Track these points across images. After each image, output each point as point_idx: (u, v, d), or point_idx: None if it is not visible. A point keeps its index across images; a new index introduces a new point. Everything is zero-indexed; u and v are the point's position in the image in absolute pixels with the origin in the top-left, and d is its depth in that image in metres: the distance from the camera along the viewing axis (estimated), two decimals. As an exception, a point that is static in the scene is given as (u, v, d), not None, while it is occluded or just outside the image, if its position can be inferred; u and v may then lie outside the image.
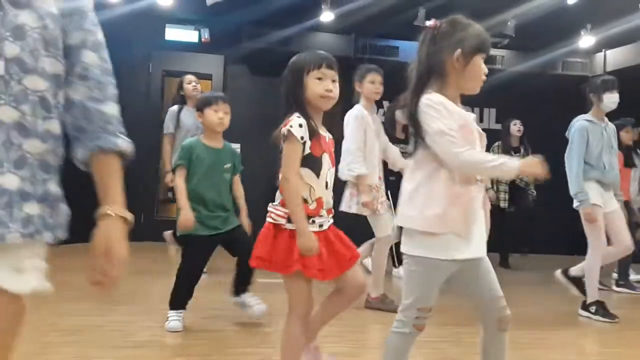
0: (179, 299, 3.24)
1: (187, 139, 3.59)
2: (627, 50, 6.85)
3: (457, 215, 1.78)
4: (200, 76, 7.17)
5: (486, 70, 1.87)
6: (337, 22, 6.87)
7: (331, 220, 2.19)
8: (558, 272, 4.18)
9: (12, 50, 1.02)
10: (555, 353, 3.17)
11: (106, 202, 1.14)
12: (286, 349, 2.14)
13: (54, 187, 1.10)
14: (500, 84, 7.51)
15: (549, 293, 4.85)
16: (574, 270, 4.10)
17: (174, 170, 3.33)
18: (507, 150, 6.25)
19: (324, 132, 2.16)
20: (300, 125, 2.05)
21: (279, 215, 2.08)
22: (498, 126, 8.07)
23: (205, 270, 3.48)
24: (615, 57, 7.15)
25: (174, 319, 3.20)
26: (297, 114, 2.07)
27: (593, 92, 3.98)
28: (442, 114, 1.79)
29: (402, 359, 1.93)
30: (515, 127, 6.37)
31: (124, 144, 1.17)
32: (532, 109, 7.23)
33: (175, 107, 5.00)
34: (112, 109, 1.17)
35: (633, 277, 5.68)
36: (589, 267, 3.97)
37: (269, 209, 2.13)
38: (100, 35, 1.18)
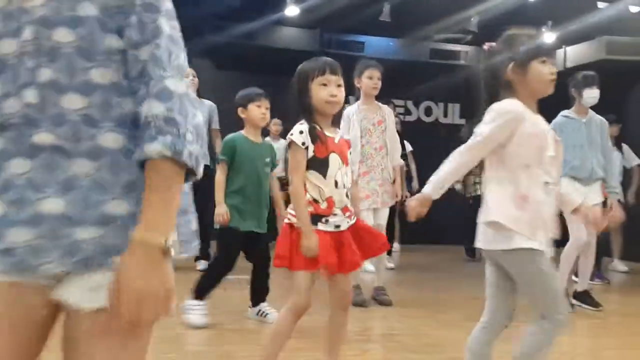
0: (205, 289, 3.26)
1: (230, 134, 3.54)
2: (586, 46, 7.00)
3: (523, 218, 1.85)
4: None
5: (551, 70, 1.92)
6: (302, 17, 6.84)
7: (352, 221, 2.24)
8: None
9: (46, 75, 0.93)
10: (508, 344, 3.21)
11: (140, 224, 0.95)
12: (271, 335, 2.25)
13: (112, 208, 0.96)
14: (465, 79, 7.61)
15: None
16: (579, 286, 4.19)
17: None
18: None
19: (331, 134, 2.22)
20: (301, 132, 2.14)
21: (293, 215, 2.18)
22: (462, 121, 8.20)
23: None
24: (575, 53, 7.30)
25: (198, 312, 3.18)
26: (300, 121, 2.17)
27: (574, 87, 4.06)
28: (495, 121, 1.86)
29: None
30: None
31: (161, 147, 0.93)
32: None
33: None
34: (157, 106, 0.95)
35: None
36: (564, 254, 4.06)
37: (288, 210, 2.24)
38: (163, 24, 0.98)
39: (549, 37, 6.97)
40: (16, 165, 0.95)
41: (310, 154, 2.15)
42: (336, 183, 2.17)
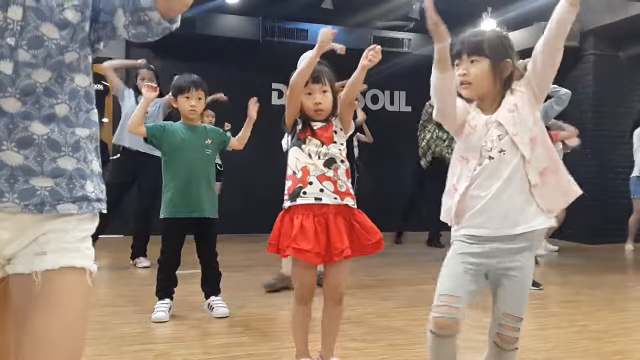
0: (159, 287, 3.32)
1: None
2: (525, 32, 7.14)
3: (450, 207, 1.87)
4: (100, 60, 6.78)
5: (459, 72, 1.87)
6: (243, 4, 6.70)
7: (341, 201, 2.26)
8: None
9: (24, 56, 1.10)
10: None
11: None
12: (291, 326, 2.46)
13: (64, 164, 1.13)
14: (409, 67, 7.64)
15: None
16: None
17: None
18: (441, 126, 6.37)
19: (318, 125, 2.32)
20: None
21: (285, 200, 2.29)
22: (408, 109, 8.25)
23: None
24: (515, 39, 7.43)
25: (159, 309, 3.24)
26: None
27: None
28: None
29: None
30: None
31: None
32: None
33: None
34: None
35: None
36: None
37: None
38: None
39: (489, 23, 7.08)
40: None
41: (297, 131, 2.32)
42: (310, 155, 2.27)
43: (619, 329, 3.33)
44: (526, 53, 2.02)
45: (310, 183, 2.23)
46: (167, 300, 3.30)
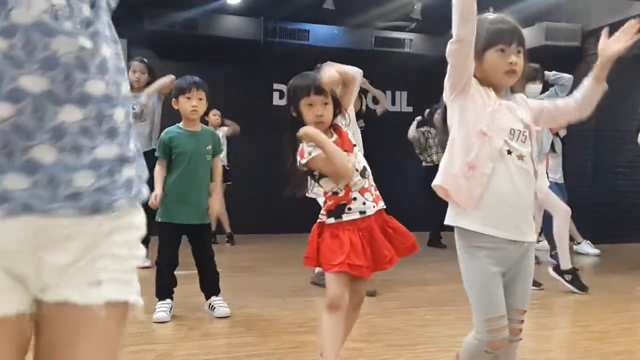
0: (159, 287, 3.30)
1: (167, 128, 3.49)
2: (527, 32, 7.15)
3: (463, 186, 1.76)
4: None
5: (509, 60, 1.81)
6: (244, 4, 6.71)
7: (377, 206, 2.28)
8: (551, 271, 4.21)
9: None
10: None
11: None
12: (322, 334, 2.34)
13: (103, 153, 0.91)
14: (410, 67, 7.64)
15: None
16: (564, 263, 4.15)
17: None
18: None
19: (332, 135, 2.28)
20: (310, 153, 2.20)
21: (322, 214, 2.28)
22: (410, 109, 8.25)
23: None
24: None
25: (160, 310, 3.23)
26: (304, 142, 2.21)
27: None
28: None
29: None
30: None
31: None
32: (441, 92, 7.40)
33: None
34: None
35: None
36: (558, 233, 4.15)
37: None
38: None
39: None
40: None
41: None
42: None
43: (620, 330, 3.32)
44: (529, 53, 2.01)
45: (354, 199, 2.25)
46: (168, 301, 3.30)
